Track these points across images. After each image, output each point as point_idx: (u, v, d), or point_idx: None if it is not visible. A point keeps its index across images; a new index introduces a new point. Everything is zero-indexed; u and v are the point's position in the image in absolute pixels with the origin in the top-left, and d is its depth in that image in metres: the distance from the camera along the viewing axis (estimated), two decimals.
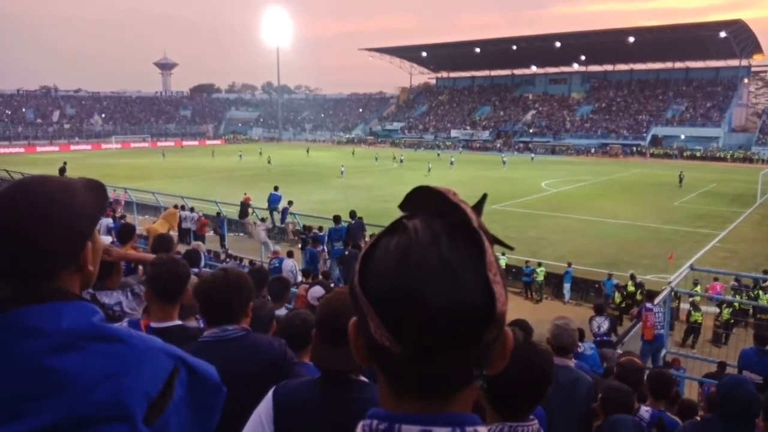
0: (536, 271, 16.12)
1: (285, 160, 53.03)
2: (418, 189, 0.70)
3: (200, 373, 1.18)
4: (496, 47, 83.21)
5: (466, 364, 0.64)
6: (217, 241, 19.28)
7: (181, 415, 1.11)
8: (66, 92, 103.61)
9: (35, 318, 1.02)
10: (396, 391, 0.68)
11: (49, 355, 0.99)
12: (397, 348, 0.62)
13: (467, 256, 0.63)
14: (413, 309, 0.61)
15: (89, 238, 1.11)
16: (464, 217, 0.65)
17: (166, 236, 5.85)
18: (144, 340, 1.11)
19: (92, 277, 1.16)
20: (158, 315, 2.52)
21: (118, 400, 0.99)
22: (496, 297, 0.62)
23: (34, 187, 1.08)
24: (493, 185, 34.98)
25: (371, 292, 0.64)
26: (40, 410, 0.96)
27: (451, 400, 0.67)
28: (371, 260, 0.66)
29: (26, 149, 67.06)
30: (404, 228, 0.66)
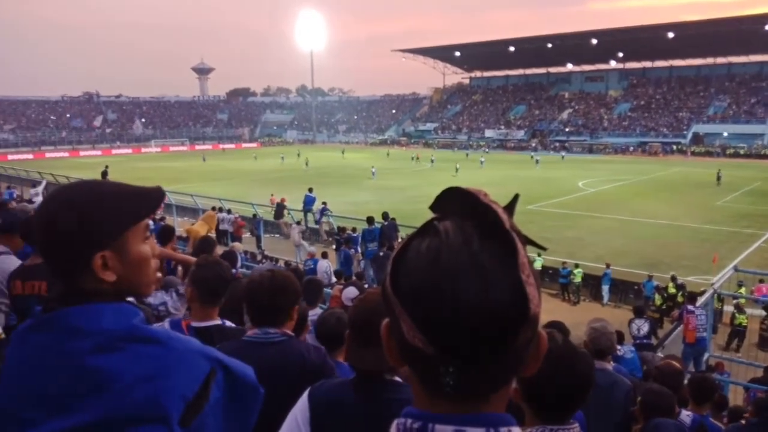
0: (573, 272, 15.85)
1: (320, 162, 53.46)
2: (449, 190, 0.70)
3: (237, 375, 1.20)
4: (530, 45, 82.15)
5: (499, 365, 0.64)
6: (253, 243, 19.55)
7: (218, 416, 1.13)
8: (108, 98, 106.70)
9: (78, 318, 1.05)
10: (429, 391, 0.67)
11: (90, 355, 1.02)
12: (429, 349, 0.62)
13: (499, 258, 0.62)
14: (445, 311, 0.61)
15: (104, 247, 1.10)
16: (496, 218, 0.65)
17: (209, 238, 5.96)
18: (182, 342, 1.13)
19: (126, 285, 1.14)
20: (199, 315, 2.58)
21: (155, 402, 1.01)
22: (529, 299, 0.62)
23: (65, 192, 1.11)
24: (528, 185, 34.53)
25: (403, 293, 0.64)
26: (82, 408, 0.99)
27: (486, 401, 0.67)
28: (403, 262, 0.66)
29: (70, 153, 69.16)
30: (435, 230, 0.66)
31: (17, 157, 60.29)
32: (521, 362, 0.66)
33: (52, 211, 1.08)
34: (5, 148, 71.05)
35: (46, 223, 1.08)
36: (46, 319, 1.07)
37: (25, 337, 1.09)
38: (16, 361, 1.09)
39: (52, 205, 1.09)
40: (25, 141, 78.62)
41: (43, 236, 1.08)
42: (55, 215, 1.08)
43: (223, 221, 19.24)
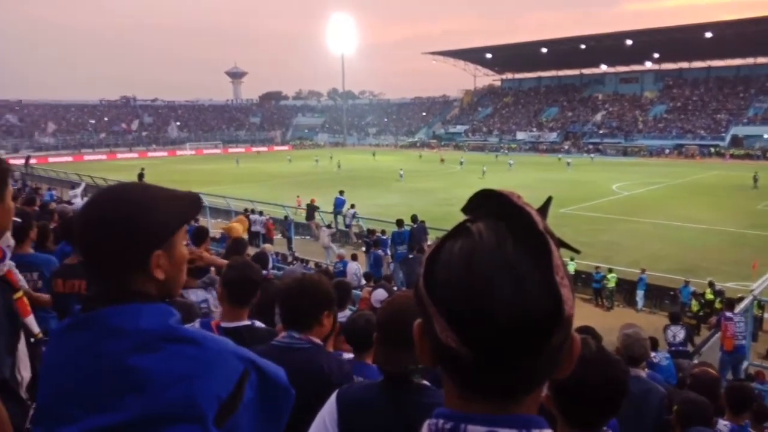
0: (607, 277, 15.57)
1: (351, 164, 53.71)
2: (481, 192, 0.70)
3: (270, 376, 1.22)
4: (563, 47, 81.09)
5: (533, 367, 0.64)
6: (284, 244, 19.74)
7: (251, 417, 1.15)
8: (144, 102, 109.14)
9: (118, 318, 1.07)
10: (462, 391, 0.68)
11: (129, 355, 1.04)
12: (463, 349, 0.62)
13: (533, 259, 0.63)
14: (479, 312, 0.61)
15: (158, 247, 1.14)
16: (529, 219, 0.65)
17: (241, 239, 6.05)
18: (217, 343, 1.14)
19: (169, 286, 1.18)
20: (229, 316, 2.60)
21: (191, 401, 1.03)
22: (563, 300, 0.62)
23: (115, 193, 1.14)
24: (561, 188, 34.05)
25: (436, 294, 0.64)
26: (120, 407, 1.01)
27: (518, 402, 0.67)
28: (436, 263, 0.66)
29: (108, 156, 70.92)
30: (468, 231, 0.66)
31: (57, 159, 62.10)
32: (554, 364, 0.66)
33: (110, 211, 1.10)
34: (46, 150, 73.14)
35: (104, 223, 1.09)
36: (85, 319, 1.10)
37: (64, 335, 1.12)
38: (55, 358, 1.12)
39: (107, 206, 1.11)
40: (65, 144, 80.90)
41: (98, 236, 1.09)
42: (114, 215, 1.09)
43: (255, 223, 19.49)
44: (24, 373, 1.78)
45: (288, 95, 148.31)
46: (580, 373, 1.66)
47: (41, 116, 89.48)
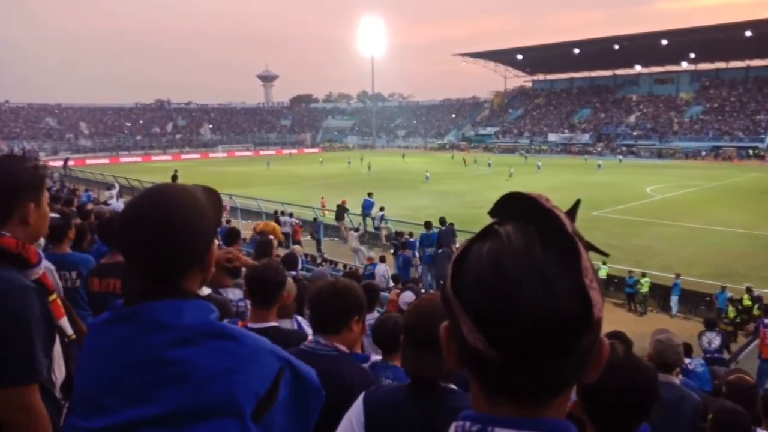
0: (640, 281, 15.25)
1: (380, 166, 53.83)
2: (509, 195, 0.70)
3: (303, 376, 1.25)
4: (596, 47, 79.84)
5: (561, 369, 0.64)
6: (313, 246, 19.89)
7: (284, 415, 1.17)
8: (178, 105, 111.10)
9: (161, 313, 1.10)
10: (489, 394, 0.67)
11: (171, 348, 1.07)
12: (491, 352, 0.62)
13: (562, 262, 0.62)
14: (507, 314, 0.61)
15: (213, 241, 1.20)
16: (558, 222, 0.65)
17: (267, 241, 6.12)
18: (256, 341, 1.17)
19: (206, 281, 1.26)
20: (254, 316, 2.62)
21: (230, 396, 1.06)
22: (592, 303, 0.61)
23: (167, 197, 1.15)
24: (593, 191, 33.52)
25: (464, 296, 0.64)
26: (161, 398, 1.04)
27: (546, 406, 0.67)
28: (463, 265, 0.66)
29: (143, 158, 72.44)
30: (496, 234, 0.66)
31: (94, 161, 63.73)
32: (583, 367, 0.66)
33: (165, 213, 1.12)
34: (84, 153, 75.14)
35: (159, 225, 1.11)
36: (128, 312, 1.13)
37: (105, 328, 1.15)
38: (94, 350, 1.15)
39: (160, 207, 1.13)
40: (101, 146, 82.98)
41: (151, 237, 1.11)
42: (175, 219, 1.12)
43: (285, 224, 19.70)
44: (58, 374, 1.83)
45: (318, 98, 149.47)
46: (608, 378, 1.65)
47: (79, 119, 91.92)
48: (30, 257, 1.70)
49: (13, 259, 1.66)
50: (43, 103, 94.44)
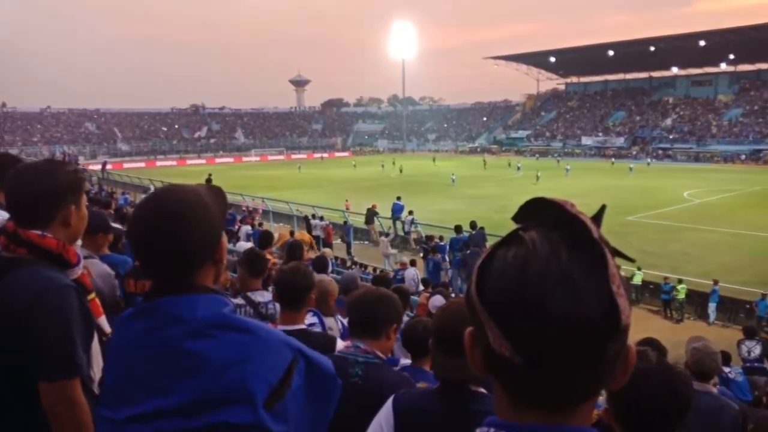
0: (677, 288, 14.89)
1: (411, 170, 53.79)
2: (533, 200, 0.69)
3: (317, 365, 1.27)
4: (631, 49, 78.37)
5: (587, 377, 0.63)
6: (344, 249, 19.98)
7: (299, 403, 1.20)
8: (212, 110, 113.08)
9: (177, 307, 1.15)
10: (514, 401, 0.67)
11: (186, 341, 1.11)
12: (517, 358, 0.62)
13: (588, 268, 0.62)
14: (534, 320, 0.60)
15: (221, 236, 1.25)
16: (583, 228, 0.64)
17: (297, 244, 6.19)
18: (268, 332, 1.21)
19: (223, 270, 1.29)
20: (283, 318, 2.66)
21: (243, 385, 1.09)
22: (620, 310, 0.61)
23: (174, 196, 1.20)
24: (628, 195, 32.90)
25: (489, 302, 0.64)
26: (178, 389, 1.08)
27: (571, 413, 0.66)
28: (488, 271, 0.65)
29: (178, 162, 73.74)
30: (521, 239, 0.65)
31: (131, 165, 65.16)
32: (610, 374, 0.65)
33: (173, 215, 1.17)
34: (121, 157, 76.98)
35: (171, 224, 1.16)
36: (147, 308, 1.18)
37: (127, 323, 1.21)
38: (118, 344, 1.21)
39: (168, 211, 1.18)
40: (138, 150, 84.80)
41: (166, 236, 1.16)
42: (178, 218, 1.17)
43: (316, 227, 19.85)
44: (97, 370, 1.88)
45: (349, 102, 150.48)
46: (641, 385, 1.61)
47: (117, 124, 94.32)
48: (70, 257, 1.76)
49: (54, 259, 1.72)
50: (83, 109, 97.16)
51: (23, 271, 1.66)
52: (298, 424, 1.20)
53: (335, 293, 3.49)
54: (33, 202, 1.71)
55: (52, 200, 1.74)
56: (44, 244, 1.70)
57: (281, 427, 1.13)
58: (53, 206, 1.74)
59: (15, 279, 1.65)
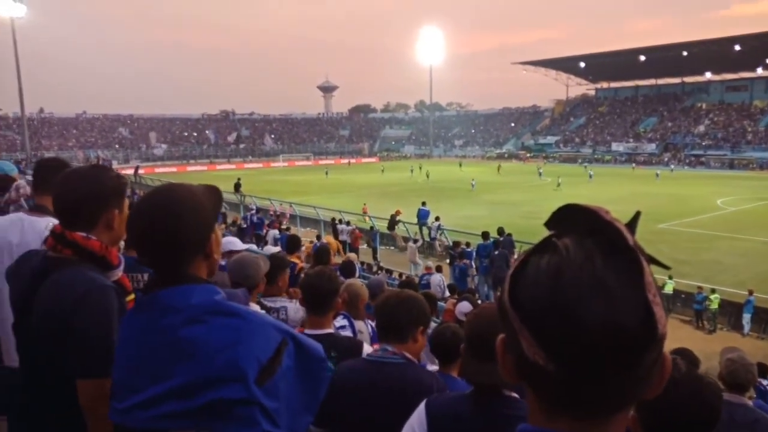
0: (710, 298, 14.54)
1: (437, 176, 53.69)
2: (567, 207, 0.68)
3: (306, 348, 1.36)
4: (664, 54, 76.95)
5: (622, 386, 0.62)
6: (370, 254, 20.02)
7: (290, 382, 1.29)
8: (241, 115, 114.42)
9: (171, 298, 1.25)
10: (546, 408, 0.67)
11: (181, 328, 1.20)
12: (550, 366, 0.61)
13: (624, 276, 0.61)
14: (568, 328, 0.60)
15: (212, 231, 1.33)
16: (619, 235, 0.63)
17: (324, 248, 6.24)
18: (257, 316, 1.30)
19: (216, 265, 1.38)
20: (310, 323, 2.66)
21: (235, 364, 1.18)
22: (656, 319, 0.60)
23: (167, 193, 1.31)
24: (659, 202, 32.28)
25: (523, 310, 0.63)
26: (176, 373, 1.18)
27: (605, 422, 0.65)
28: (521, 278, 0.65)
29: (208, 167, 74.85)
30: (554, 246, 0.64)
31: (163, 170, 66.47)
32: (645, 384, 0.64)
33: (168, 208, 1.27)
34: (153, 161, 78.47)
35: (166, 219, 1.26)
36: (146, 301, 1.29)
37: (130, 317, 1.32)
38: (124, 338, 1.31)
39: (165, 204, 1.28)
40: (170, 155, 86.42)
41: (162, 231, 1.26)
42: (174, 211, 1.27)
43: (342, 232, 19.93)
44: None
45: (376, 108, 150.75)
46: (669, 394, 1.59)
47: (150, 129, 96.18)
48: (112, 259, 1.83)
49: (97, 260, 1.79)
50: (117, 114, 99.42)
51: (68, 271, 1.73)
52: (289, 401, 1.28)
53: (365, 297, 3.50)
54: (79, 206, 1.78)
55: (97, 204, 1.81)
56: (89, 246, 1.77)
57: (272, 403, 1.22)
58: (98, 210, 1.81)
59: (60, 278, 1.72)
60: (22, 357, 1.87)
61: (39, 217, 2.49)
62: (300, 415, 1.35)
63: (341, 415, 2.10)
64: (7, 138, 77.69)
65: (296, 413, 1.33)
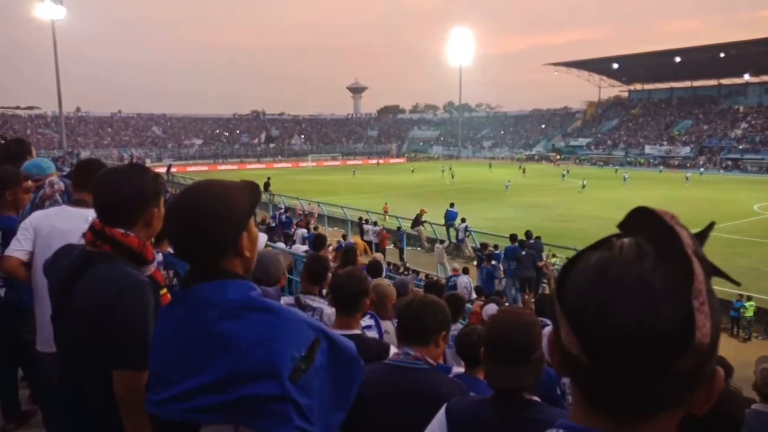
0: (745, 305, 14.18)
1: (465, 177, 53.39)
2: (638, 209, 0.69)
3: (340, 347, 1.36)
4: (700, 55, 75.15)
5: (654, 390, 0.62)
6: (396, 254, 20.03)
7: (323, 380, 1.29)
8: (271, 116, 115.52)
9: (208, 293, 1.27)
10: (586, 405, 0.67)
11: (217, 322, 1.22)
12: (582, 357, 0.63)
13: (672, 280, 0.61)
14: (603, 320, 0.61)
15: (245, 229, 1.34)
16: (678, 241, 0.63)
17: (351, 248, 6.28)
18: (292, 312, 1.31)
19: (251, 262, 1.39)
20: (338, 323, 2.65)
21: (269, 361, 1.19)
22: (696, 326, 0.60)
23: (201, 190, 1.34)
24: (692, 207, 31.50)
25: (565, 299, 0.65)
26: (211, 367, 1.20)
27: (642, 426, 0.65)
28: (571, 272, 0.67)
29: (238, 166, 75.53)
30: (609, 244, 0.66)
31: (195, 168, 67.46)
32: (684, 392, 0.64)
33: (203, 205, 1.30)
34: (185, 160, 79.77)
35: (200, 215, 1.29)
36: (182, 296, 1.32)
37: (167, 311, 1.35)
38: (161, 331, 1.34)
39: (200, 200, 1.31)
40: (201, 154, 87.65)
41: (197, 226, 1.29)
42: (208, 207, 1.30)
43: (368, 232, 19.98)
44: None
45: (405, 108, 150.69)
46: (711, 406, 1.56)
47: (182, 128, 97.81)
48: (147, 255, 1.89)
49: (133, 256, 1.85)
50: (150, 113, 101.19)
51: (106, 266, 1.80)
52: (322, 399, 1.29)
53: (393, 297, 3.49)
54: (120, 204, 1.85)
55: (137, 203, 1.87)
56: (127, 242, 1.83)
57: (305, 400, 1.23)
58: (138, 209, 1.87)
59: (99, 272, 1.78)
60: (59, 347, 1.93)
61: (81, 208, 2.69)
62: (332, 412, 1.36)
63: (362, 420, 2.06)
64: (45, 136, 79.84)
65: (329, 410, 1.34)
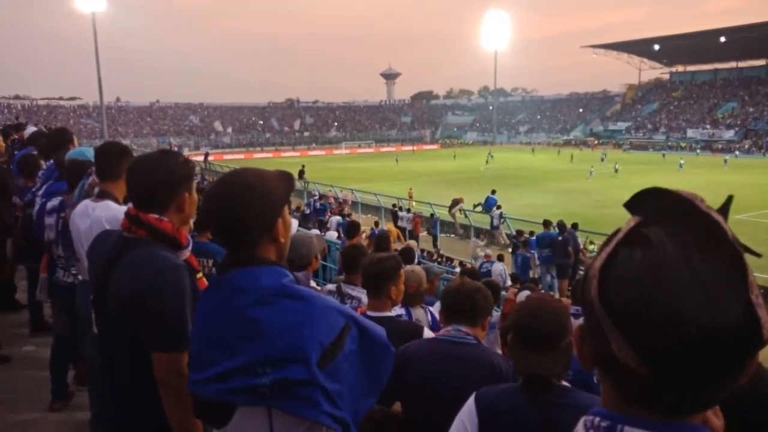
0: None
1: (502, 163, 52.70)
2: (653, 191, 0.64)
3: (370, 333, 1.39)
4: (746, 34, 72.02)
5: (717, 390, 0.60)
6: (430, 241, 19.99)
7: (353, 365, 1.33)
8: (306, 103, 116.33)
9: (242, 279, 1.32)
10: (623, 398, 0.65)
11: (250, 308, 1.27)
12: (642, 370, 0.59)
13: (725, 276, 0.57)
14: (671, 330, 0.56)
15: (279, 216, 1.39)
16: (718, 229, 0.59)
17: (384, 234, 6.30)
18: (322, 300, 1.35)
19: (285, 249, 1.44)
20: (370, 306, 2.74)
21: (299, 347, 1.23)
22: (761, 322, 0.57)
23: (237, 178, 1.39)
24: (736, 191, 30.29)
25: (615, 309, 0.60)
26: (244, 351, 1.25)
27: (690, 417, 0.64)
28: (612, 274, 0.61)
29: (273, 154, 76.27)
30: (647, 240, 0.60)
31: (231, 156, 68.31)
32: (734, 385, 0.62)
33: (238, 192, 1.35)
34: (222, 148, 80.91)
35: (236, 202, 1.34)
36: (219, 281, 1.38)
37: (206, 296, 1.41)
38: (200, 314, 1.40)
39: (235, 188, 1.36)
40: (237, 143, 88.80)
41: (232, 213, 1.34)
42: (243, 195, 1.34)
43: (402, 219, 19.98)
44: None
45: (439, 94, 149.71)
46: None
47: (218, 117, 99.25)
48: (182, 240, 1.93)
49: (168, 240, 1.89)
50: (188, 103, 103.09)
51: (142, 251, 1.84)
52: (352, 384, 1.32)
53: (424, 283, 3.53)
54: (153, 190, 1.89)
55: (169, 188, 1.91)
56: (161, 227, 1.88)
57: (334, 386, 1.26)
58: (170, 193, 1.92)
59: (136, 257, 1.83)
60: (100, 331, 2.00)
61: (101, 202, 2.75)
62: (362, 397, 1.38)
63: (419, 392, 2.16)
64: (87, 126, 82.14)
65: (359, 396, 1.36)
